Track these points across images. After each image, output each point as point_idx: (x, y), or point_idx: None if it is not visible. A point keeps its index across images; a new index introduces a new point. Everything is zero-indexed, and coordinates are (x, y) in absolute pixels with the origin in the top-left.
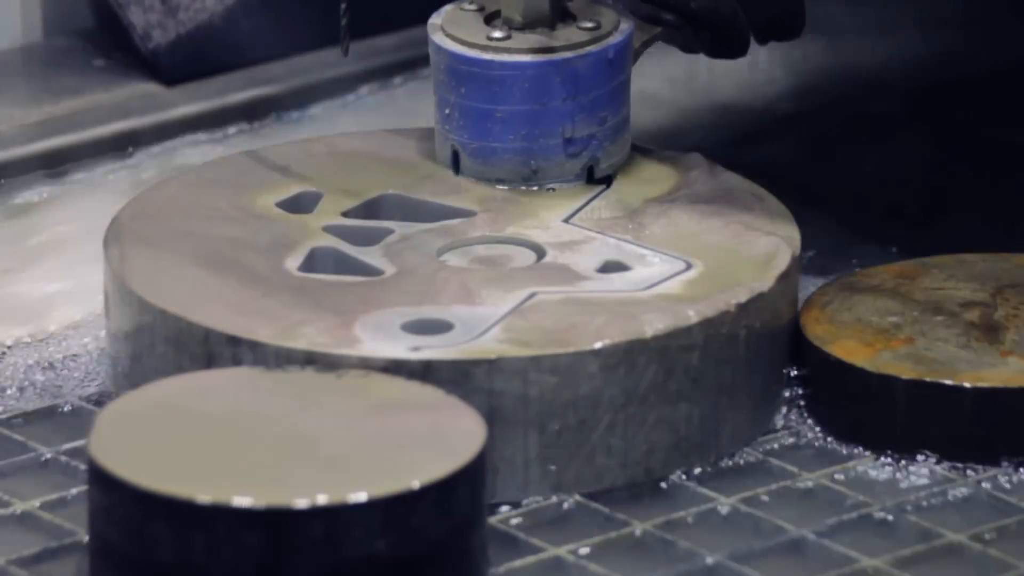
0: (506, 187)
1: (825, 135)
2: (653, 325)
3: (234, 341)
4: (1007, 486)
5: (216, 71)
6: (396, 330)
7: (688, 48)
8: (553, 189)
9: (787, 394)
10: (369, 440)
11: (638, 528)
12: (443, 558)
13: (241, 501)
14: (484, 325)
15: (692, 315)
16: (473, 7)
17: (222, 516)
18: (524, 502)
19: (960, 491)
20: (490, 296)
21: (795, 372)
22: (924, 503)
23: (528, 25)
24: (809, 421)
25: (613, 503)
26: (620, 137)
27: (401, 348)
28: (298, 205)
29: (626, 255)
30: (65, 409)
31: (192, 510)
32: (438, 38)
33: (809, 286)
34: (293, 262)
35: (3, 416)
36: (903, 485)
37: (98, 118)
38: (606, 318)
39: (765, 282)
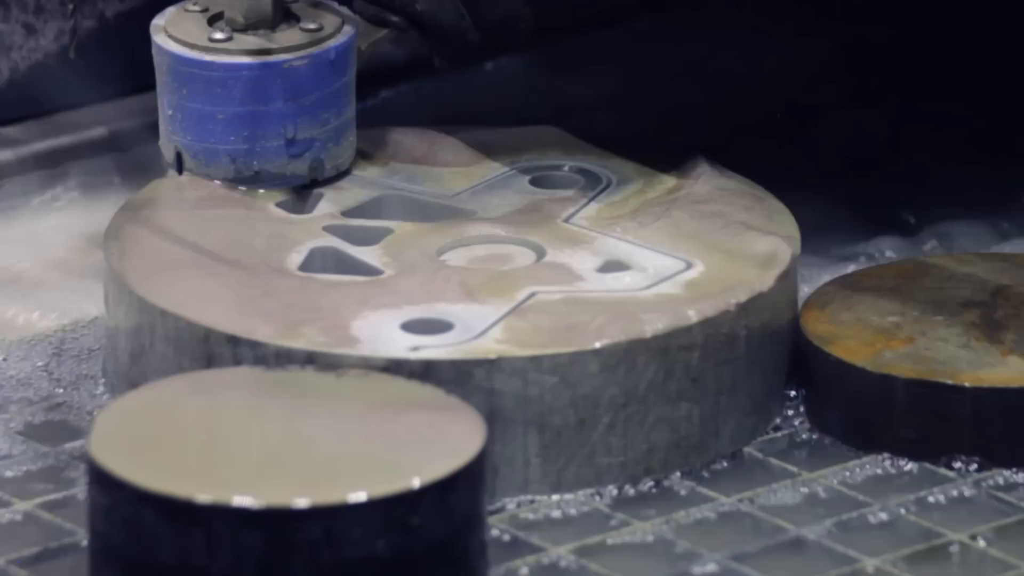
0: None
1: (825, 133)
2: (653, 325)
3: (234, 341)
4: (1007, 486)
5: (50, 112)
6: (396, 330)
7: (415, 50)
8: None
9: (787, 394)
10: (369, 440)
11: (638, 528)
12: (443, 558)
13: (241, 501)
14: (484, 325)
15: (692, 315)
16: (197, 8)
17: (222, 516)
18: (524, 502)
19: (960, 491)
20: (490, 296)
21: (795, 371)
22: (924, 503)
23: (250, 26)
24: (809, 421)
25: (613, 503)
26: (344, 139)
27: (401, 348)
28: (298, 205)
29: (626, 255)
30: (65, 409)
31: (192, 510)
32: (160, 39)
33: (809, 286)
34: (293, 262)
35: (3, 416)
36: (903, 485)
37: None
38: (606, 318)
39: (765, 282)
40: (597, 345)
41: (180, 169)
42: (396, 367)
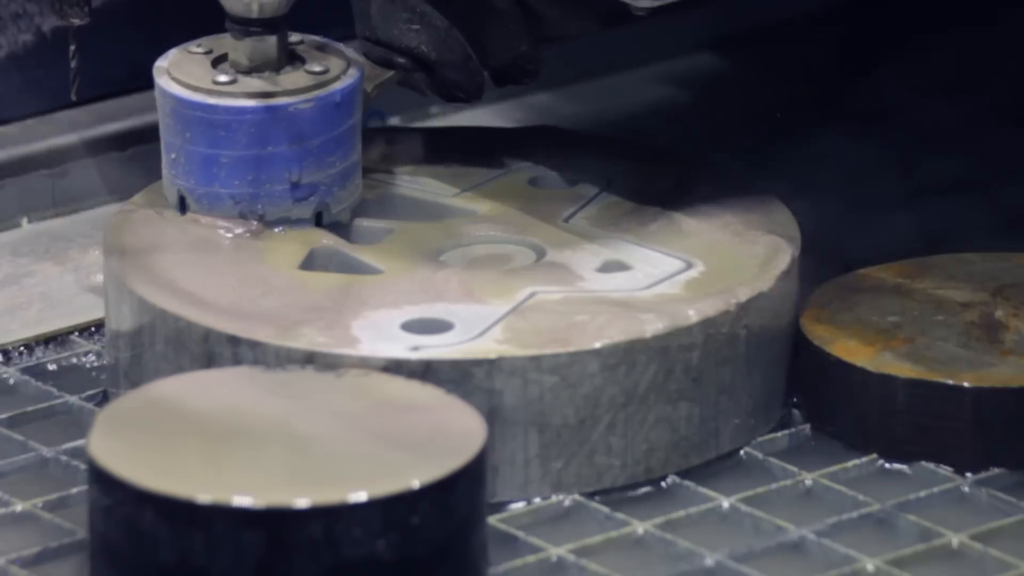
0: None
1: (826, 133)
2: (653, 325)
3: (234, 341)
4: (1007, 486)
5: None
6: (396, 330)
7: (422, 91)
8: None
9: (787, 394)
10: (369, 440)
11: (638, 528)
12: (443, 558)
13: (241, 501)
14: (484, 325)
15: (692, 315)
16: (200, 50)
17: (222, 516)
18: (524, 502)
19: (960, 491)
20: (490, 296)
21: (795, 371)
22: (924, 503)
23: (255, 69)
24: (809, 421)
25: (613, 503)
26: (350, 182)
27: (401, 348)
28: None
29: (626, 255)
30: (65, 409)
31: (192, 510)
32: (163, 82)
33: (809, 286)
34: (293, 262)
35: (3, 416)
36: (903, 485)
37: None
38: (606, 318)
39: (765, 282)
40: (597, 345)
41: (183, 212)
42: (396, 367)
